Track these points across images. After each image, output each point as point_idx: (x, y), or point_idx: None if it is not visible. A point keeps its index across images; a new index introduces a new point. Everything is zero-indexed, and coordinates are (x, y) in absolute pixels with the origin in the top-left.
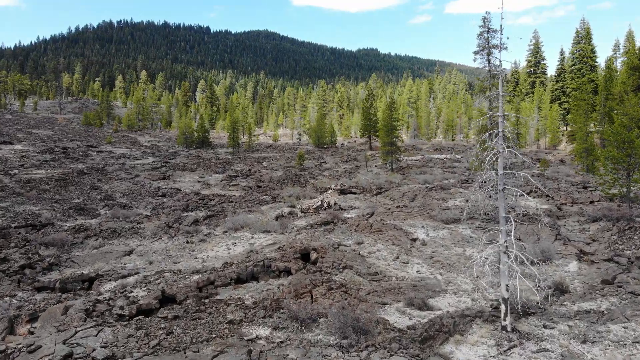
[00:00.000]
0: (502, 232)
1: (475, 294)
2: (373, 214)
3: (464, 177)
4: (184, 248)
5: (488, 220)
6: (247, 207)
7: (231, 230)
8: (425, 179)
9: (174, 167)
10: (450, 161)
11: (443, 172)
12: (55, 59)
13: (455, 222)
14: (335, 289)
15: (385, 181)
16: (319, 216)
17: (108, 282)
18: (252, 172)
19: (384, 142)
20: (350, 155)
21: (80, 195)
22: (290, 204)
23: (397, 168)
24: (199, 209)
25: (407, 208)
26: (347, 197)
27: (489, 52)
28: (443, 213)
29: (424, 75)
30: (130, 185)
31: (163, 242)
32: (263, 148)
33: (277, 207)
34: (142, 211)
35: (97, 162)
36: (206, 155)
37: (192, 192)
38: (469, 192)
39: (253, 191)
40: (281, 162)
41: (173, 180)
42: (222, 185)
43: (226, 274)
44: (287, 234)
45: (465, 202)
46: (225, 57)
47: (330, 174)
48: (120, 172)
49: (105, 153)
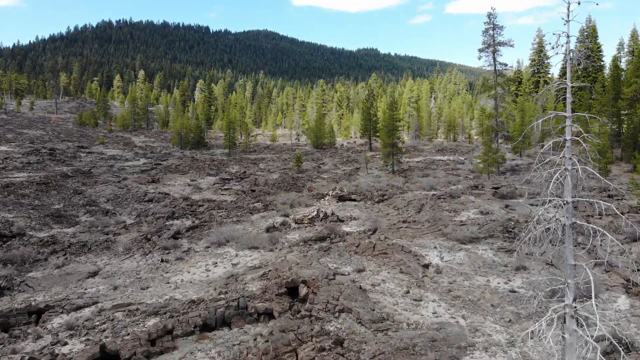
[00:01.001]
0: (569, 288)
1: (513, 352)
2: (376, 231)
3: (473, 183)
4: (157, 268)
5: (510, 238)
6: (236, 216)
7: (214, 245)
8: (428, 182)
9: (165, 169)
10: (454, 163)
11: (447, 175)
12: (54, 58)
13: (473, 242)
14: (328, 349)
15: (387, 185)
16: (314, 228)
17: (59, 316)
18: (247, 175)
19: (384, 143)
20: (350, 156)
21: (61, 201)
22: (283, 212)
23: (399, 170)
24: (185, 217)
25: (415, 223)
26: (346, 204)
27: (495, 49)
28: (458, 230)
29: (424, 75)
30: (115, 190)
31: (135, 261)
32: (260, 149)
33: (269, 216)
34: (125, 218)
35: (85, 164)
36: (201, 157)
37: (181, 196)
38: (482, 202)
39: (246, 196)
40: (278, 164)
41: (162, 184)
42: (214, 190)
43: (190, 319)
44: (276, 252)
45: (480, 215)
46: (225, 56)
47: (329, 177)
48: (108, 175)
49: (95, 154)
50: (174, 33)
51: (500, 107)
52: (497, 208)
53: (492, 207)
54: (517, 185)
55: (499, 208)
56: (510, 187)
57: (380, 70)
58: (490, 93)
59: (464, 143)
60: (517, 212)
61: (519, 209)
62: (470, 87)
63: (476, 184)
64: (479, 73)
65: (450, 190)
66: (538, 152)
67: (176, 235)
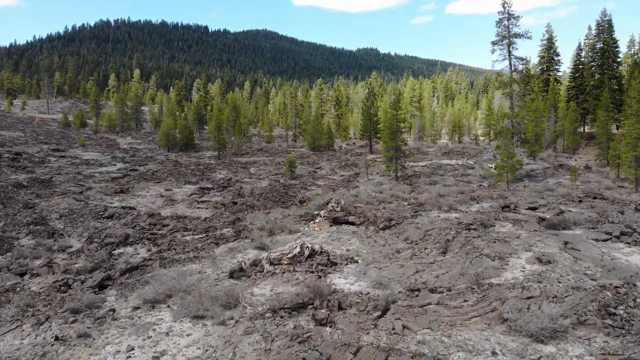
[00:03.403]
0: None
1: None
2: (387, 311)
3: (493, 194)
4: (44, 355)
5: (617, 328)
6: (195, 250)
7: (148, 304)
8: (438, 191)
9: (139, 176)
10: (463, 167)
11: (457, 182)
12: (50, 58)
13: (556, 338)
14: None
15: (391, 195)
16: (293, 276)
17: None
18: (232, 183)
19: (387, 147)
20: (349, 159)
21: (4, 218)
22: (258, 243)
23: (403, 176)
24: (142, 242)
25: (449, 294)
26: (342, 230)
27: (510, 41)
28: (526, 313)
29: (424, 75)
30: (73, 203)
31: (19, 337)
32: (253, 151)
33: (239, 248)
34: (73, 241)
35: (49, 171)
36: (186, 160)
37: (148, 212)
38: (529, 236)
39: (225, 210)
40: (271, 168)
41: (132, 194)
42: (190, 202)
43: None
44: (230, 327)
45: (540, 265)
46: (224, 56)
47: (325, 184)
48: (70, 184)
49: (68, 159)
50: (173, 33)
51: (516, 106)
52: (557, 249)
53: (549, 249)
54: (561, 208)
55: (559, 249)
56: (554, 209)
57: (380, 69)
58: (505, 91)
59: (471, 145)
60: (588, 256)
61: (585, 248)
62: (472, 86)
63: (506, 203)
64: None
65: (478, 216)
66: (551, 155)
67: (104, 282)
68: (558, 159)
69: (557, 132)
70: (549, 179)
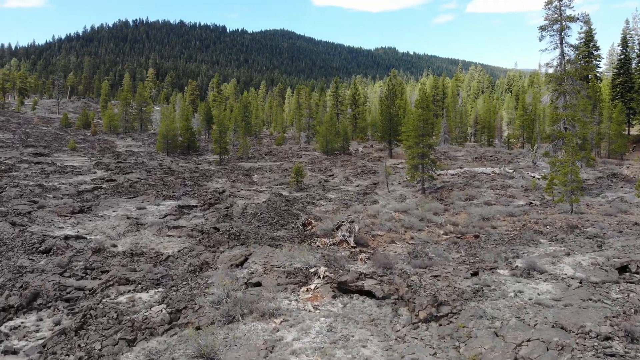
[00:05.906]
0: None
1: None
2: None
3: (552, 215)
4: None
5: None
6: (127, 334)
7: None
8: (480, 213)
9: (113, 189)
10: (501, 177)
11: (498, 197)
12: (67, 57)
13: None
14: None
15: (420, 218)
16: None
17: None
18: (223, 198)
19: (412, 153)
20: (366, 165)
21: None
22: (203, 345)
23: (430, 188)
24: (55, 306)
25: None
26: (353, 307)
27: (563, 26)
28: None
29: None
30: (5, 230)
31: None
32: (261, 155)
33: (164, 358)
34: None
35: (7, 182)
36: (181, 167)
37: (97, 244)
38: None
39: (200, 242)
40: (276, 176)
41: (93, 215)
42: (160, 227)
43: None
44: None
45: None
46: (241, 56)
47: (337, 197)
48: (21, 201)
49: (45, 165)
50: (190, 33)
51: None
52: None
53: None
54: None
55: None
56: None
57: (398, 68)
58: (558, 87)
59: (503, 149)
60: None
61: None
62: (493, 86)
63: (620, 260)
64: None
65: (599, 304)
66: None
67: None
68: (608, 167)
69: (602, 135)
70: (607, 193)
